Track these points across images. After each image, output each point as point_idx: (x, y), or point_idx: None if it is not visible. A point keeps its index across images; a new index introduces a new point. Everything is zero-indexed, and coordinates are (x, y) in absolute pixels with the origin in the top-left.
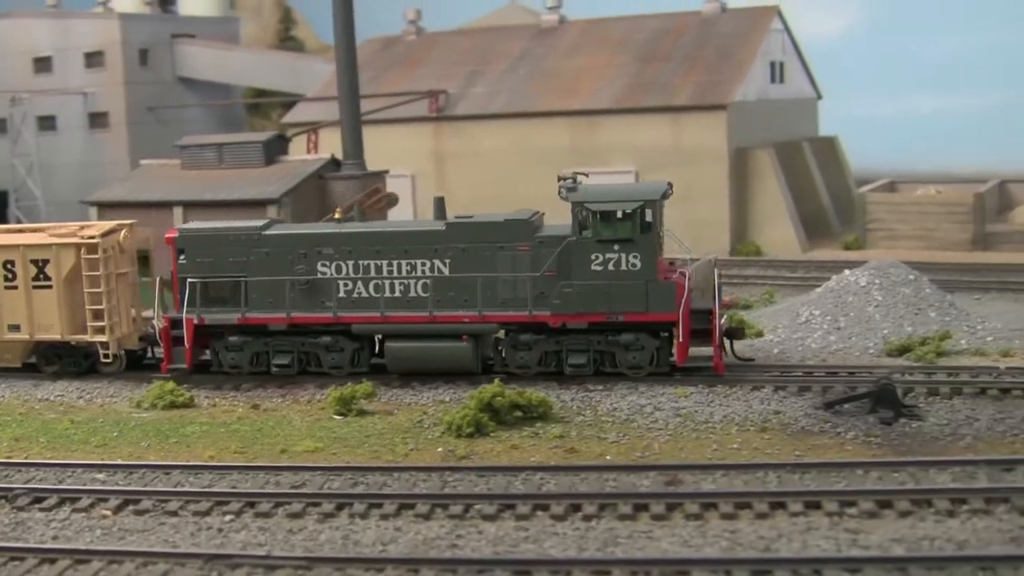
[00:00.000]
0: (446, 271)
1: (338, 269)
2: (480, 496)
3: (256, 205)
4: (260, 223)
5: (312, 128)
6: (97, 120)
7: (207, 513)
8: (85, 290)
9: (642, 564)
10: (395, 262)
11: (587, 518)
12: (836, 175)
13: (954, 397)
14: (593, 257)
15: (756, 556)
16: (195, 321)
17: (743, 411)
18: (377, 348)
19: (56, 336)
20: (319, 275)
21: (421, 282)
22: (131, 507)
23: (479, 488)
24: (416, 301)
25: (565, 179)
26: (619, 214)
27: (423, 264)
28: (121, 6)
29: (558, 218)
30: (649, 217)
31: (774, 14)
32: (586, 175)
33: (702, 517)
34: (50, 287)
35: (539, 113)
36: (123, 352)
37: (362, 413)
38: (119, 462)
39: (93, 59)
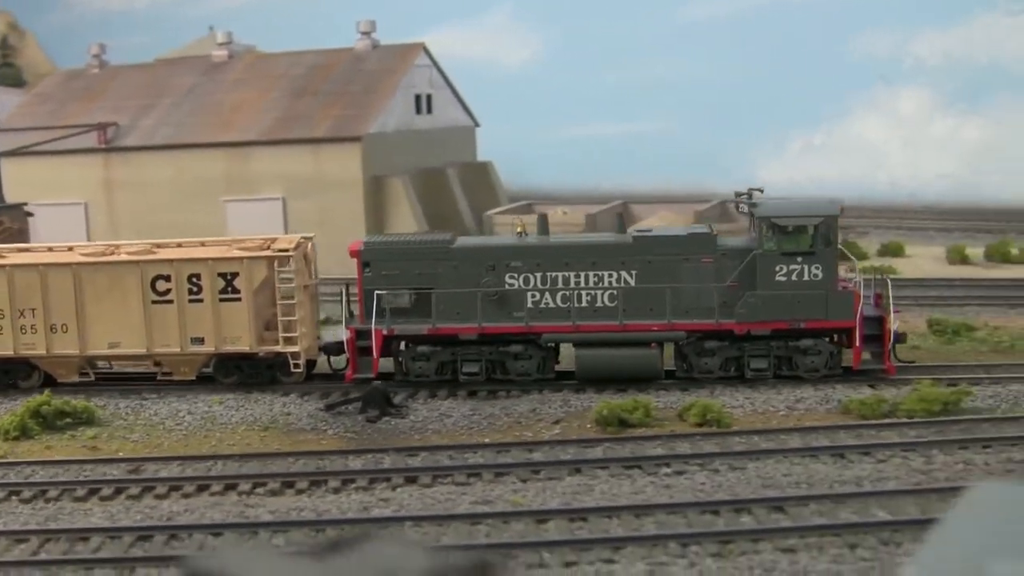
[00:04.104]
0: (632, 282)
1: (526, 281)
2: None
3: None
4: (446, 236)
5: None
6: None
7: None
8: (278, 302)
9: (55, 532)
10: (582, 274)
11: (48, 500)
12: (488, 198)
13: (449, 398)
14: (777, 268)
15: (160, 524)
16: (384, 332)
17: (260, 414)
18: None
19: (244, 348)
20: (507, 287)
21: (607, 293)
22: None
23: None
24: (602, 311)
25: (741, 194)
26: (804, 228)
27: (610, 275)
28: None
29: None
30: (830, 231)
31: (419, 51)
32: (761, 190)
33: (140, 498)
34: (239, 299)
35: (198, 144)
36: (305, 362)
37: None
38: None
39: None
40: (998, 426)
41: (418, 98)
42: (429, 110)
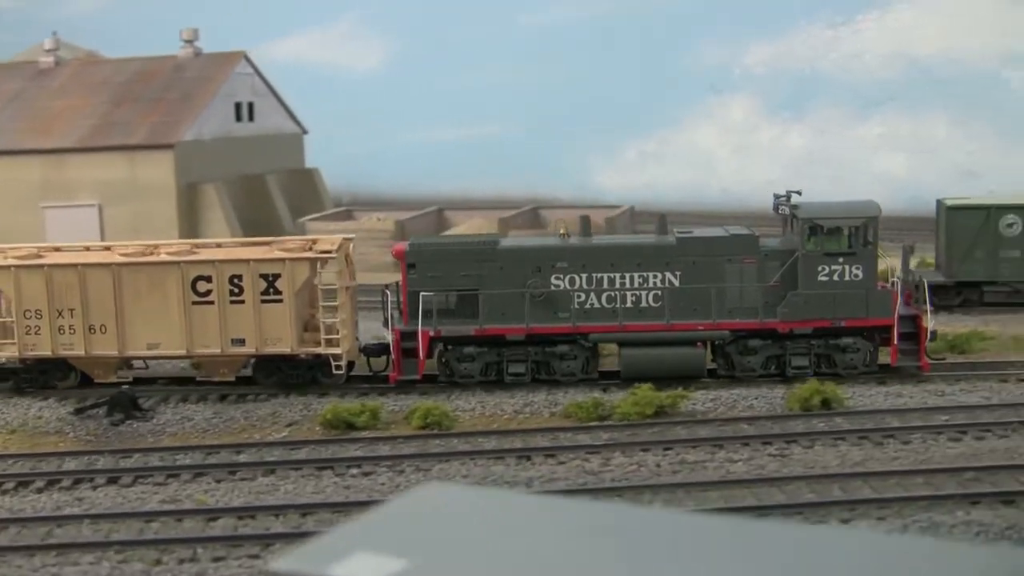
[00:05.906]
0: (676, 283)
1: (572, 282)
2: None
3: None
4: (492, 238)
5: None
6: None
7: None
8: (320, 303)
9: None
10: (627, 275)
11: None
12: (313, 205)
13: (200, 402)
14: (820, 268)
15: None
16: (431, 333)
17: (13, 418)
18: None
19: (286, 349)
20: (553, 287)
21: (652, 293)
22: None
23: None
24: (647, 311)
25: (780, 196)
26: (846, 230)
27: (655, 276)
28: None
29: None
30: (869, 231)
31: (239, 59)
32: (799, 193)
33: None
34: (281, 301)
35: (15, 151)
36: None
37: None
38: None
39: None
40: (691, 429)
41: (238, 106)
42: (251, 118)
